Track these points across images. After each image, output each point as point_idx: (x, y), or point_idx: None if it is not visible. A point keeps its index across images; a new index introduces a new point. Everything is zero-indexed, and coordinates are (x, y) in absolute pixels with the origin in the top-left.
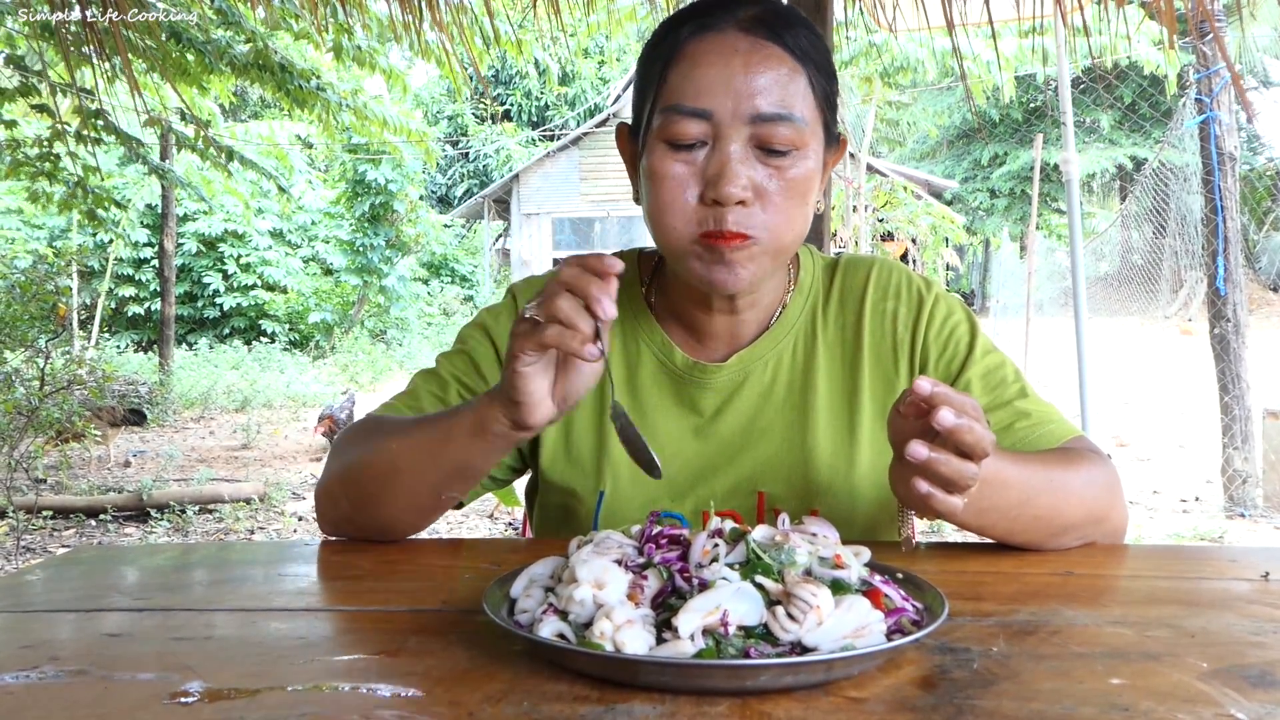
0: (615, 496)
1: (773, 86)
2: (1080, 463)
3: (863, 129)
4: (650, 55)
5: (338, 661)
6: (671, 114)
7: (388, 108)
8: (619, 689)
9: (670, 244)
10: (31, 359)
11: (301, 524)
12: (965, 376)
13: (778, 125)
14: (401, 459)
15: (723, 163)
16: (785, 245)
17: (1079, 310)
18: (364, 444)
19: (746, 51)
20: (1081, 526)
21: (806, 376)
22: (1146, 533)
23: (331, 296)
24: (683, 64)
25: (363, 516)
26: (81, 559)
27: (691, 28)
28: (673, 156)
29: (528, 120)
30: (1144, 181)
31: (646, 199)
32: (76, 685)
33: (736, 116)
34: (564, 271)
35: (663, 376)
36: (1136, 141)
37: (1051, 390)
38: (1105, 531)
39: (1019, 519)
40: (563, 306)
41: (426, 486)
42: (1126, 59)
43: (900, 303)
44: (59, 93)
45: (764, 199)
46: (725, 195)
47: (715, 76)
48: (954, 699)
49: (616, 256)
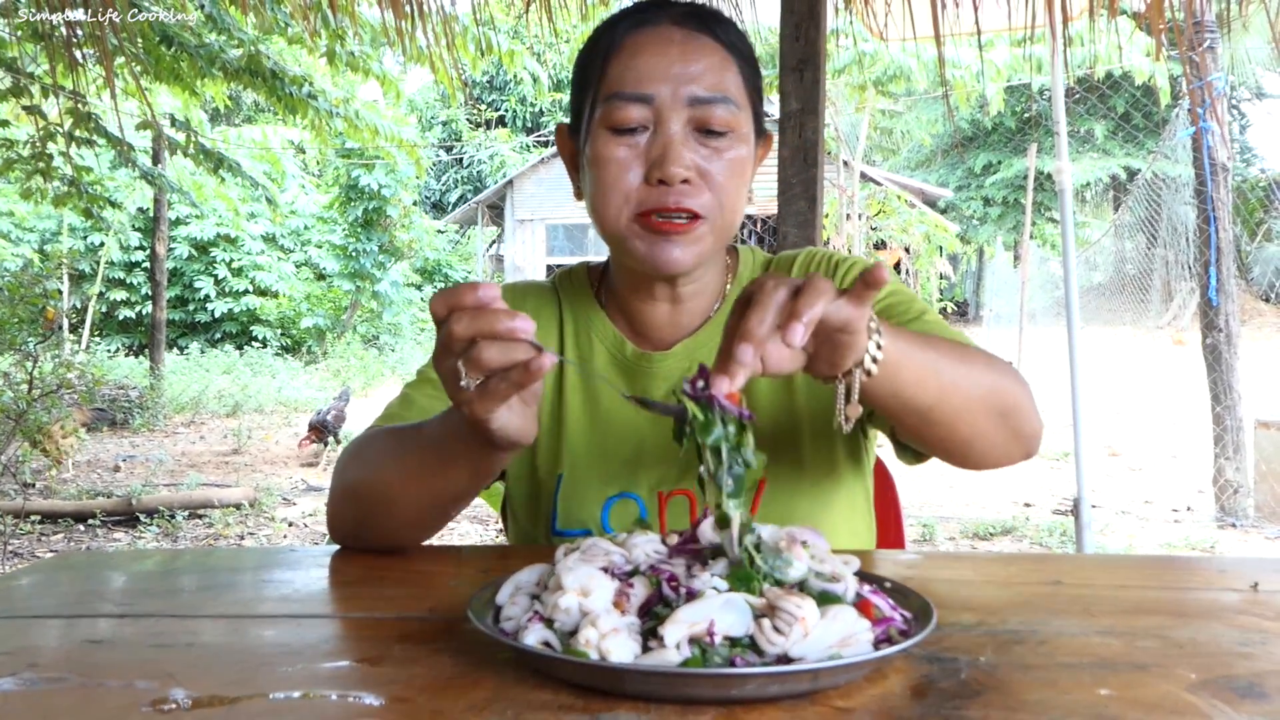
0: (573, 479)
1: (707, 72)
2: (975, 352)
3: (856, 137)
4: (589, 51)
5: (321, 669)
6: (614, 101)
7: (380, 115)
8: (604, 698)
9: (612, 227)
10: (20, 363)
11: (291, 529)
12: None
13: (715, 107)
14: (398, 489)
15: (666, 143)
16: (727, 225)
17: (1072, 320)
18: (364, 464)
19: (682, 41)
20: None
21: None
22: (1138, 542)
23: (324, 301)
24: (622, 55)
25: (369, 533)
26: (67, 564)
27: (628, 24)
28: (616, 141)
29: (522, 126)
30: (1137, 192)
31: (589, 186)
32: (55, 692)
33: (676, 99)
34: (454, 329)
35: (615, 370)
36: (1130, 152)
37: (1044, 399)
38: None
39: (926, 388)
40: (490, 357)
41: (427, 510)
42: (1120, 69)
43: (822, 269)
44: (50, 94)
45: (707, 178)
46: (671, 174)
47: (654, 64)
48: (941, 709)
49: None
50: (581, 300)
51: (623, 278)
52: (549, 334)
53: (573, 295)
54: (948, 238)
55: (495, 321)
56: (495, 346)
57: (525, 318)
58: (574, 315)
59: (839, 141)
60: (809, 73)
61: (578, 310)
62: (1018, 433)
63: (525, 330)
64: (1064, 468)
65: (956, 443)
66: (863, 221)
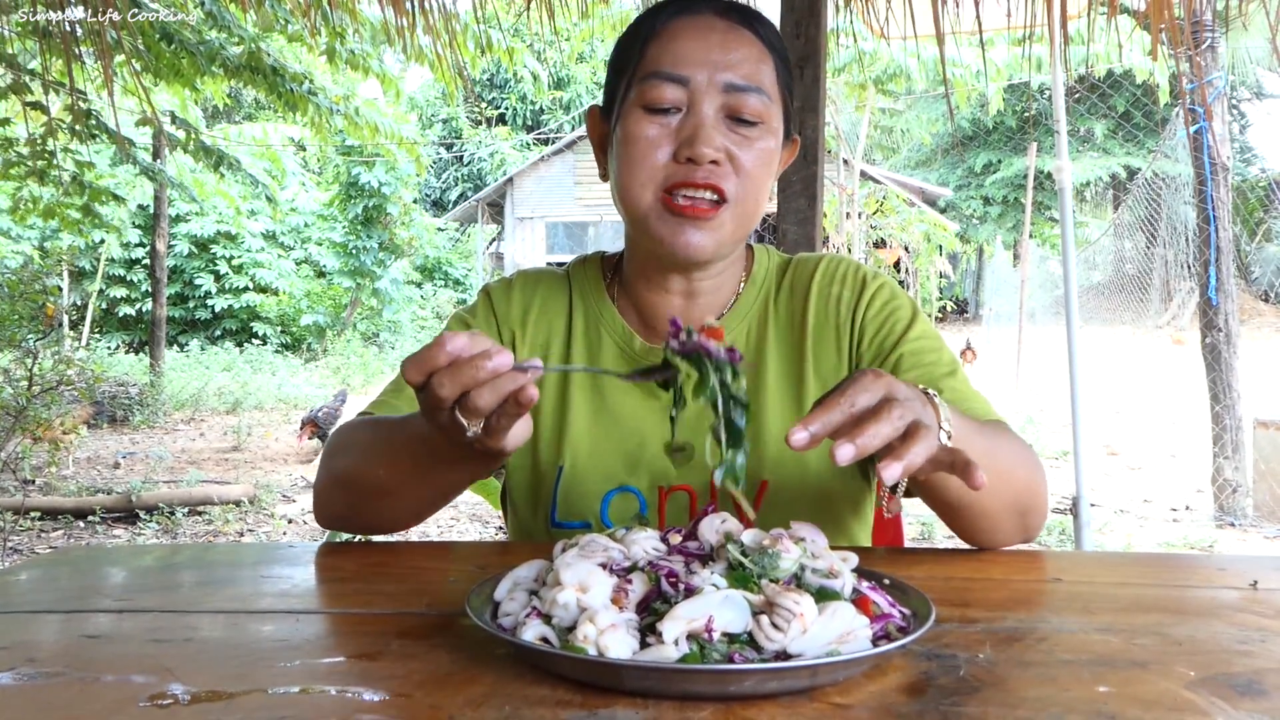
0: (574, 472)
1: (744, 62)
2: (1015, 440)
3: (857, 135)
4: (630, 35)
5: (319, 664)
6: (651, 80)
7: (380, 113)
8: (602, 694)
9: (635, 204)
10: (20, 359)
11: (291, 526)
12: (896, 352)
13: (749, 96)
14: (393, 485)
15: (698, 124)
16: (749, 215)
17: (1071, 319)
18: (354, 452)
19: (723, 30)
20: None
21: (758, 358)
22: (1137, 541)
23: (324, 299)
24: (662, 38)
25: (359, 518)
26: (66, 560)
27: (672, 10)
28: (649, 119)
29: (522, 124)
30: (1137, 191)
31: (616, 164)
32: (51, 687)
33: (712, 84)
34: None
35: (624, 363)
36: (1130, 151)
37: (1043, 398)
38: (1033, 518)
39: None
40: (485, 403)
41: (416, 502)
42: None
43: (844, 287)
44: (51, 90)
45: (735, 162)
46: (700, 154)
47: (694, 48)
48: (939, 706)
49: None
50: (593, 291)
51: (637, 267)
52: (558, 324)
53: (584, 286)
54: (947, 236)
55: (476, 373)
56: (485, 390)
57: (500, 351)
58: (584, 306)
59: (839, 140)
60: (809, 71)
61: (588, 301)
62: (1028, 527)
63: (504, 365)
64: (1063, 466)
65: (973, 530)
66: (862, 220)
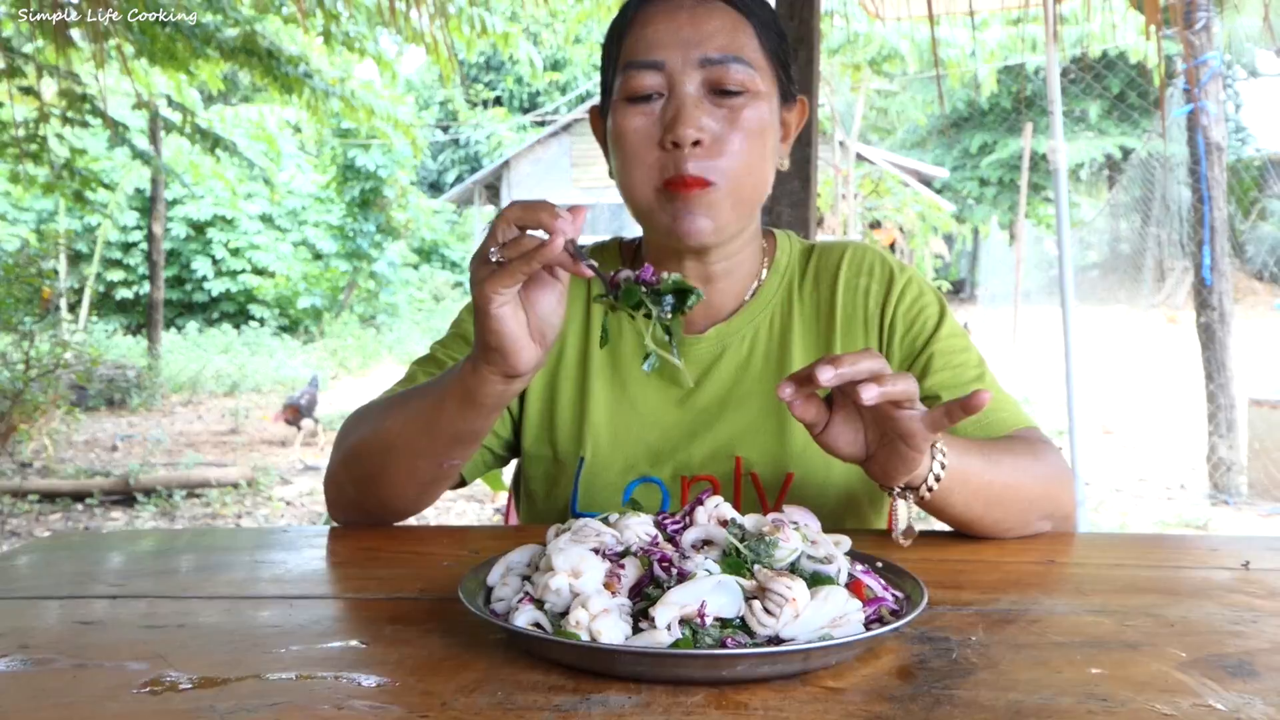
0: (595, 462)
1: (718, 34)
2: (1034, 452)
3: (852, 116)
4: (611, 31)
5: (313, 650)
6: (629, 70)
7: (376, 95)
8: (594, 678)
9: (637, 198)
10: (17, 342)
11: (289, 509)
12: (927, 352)
13: (728, 67)
14: (397, 435)
15: (678, 107)
16: (745, 191)
17: (1066, 299)
18: (363, 427)
19: (691, 6)
20: (1035, 513)
21: (783, 349)
22: (1132, 519)
23: (321, 281)
24: (635, 26)
25: (367, 498)
26: (63, 544)
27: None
28: (633, 111)
29: (519, 106)
30: (1131, 171)
31: (615, 162)
32: (44, 674)
33: (687, 63)
34: (508, 211)
35: (642, 349)
36: (1125, 131)
37: (1038, 377)
38: (1056, 522)
39: (974, 504)
40: (523, 239)
41: (425, 458)
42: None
43: (873, 280)
44: (45, 74)
45: (721, 143)
46: (681, 136)
47: (664, 31)
48: (932, 689)
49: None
50: None
51: (653, 255)
52: (576, 310)
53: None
54: (943, 217)
55: (540, 214)
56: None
57: (570, 221)
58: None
59: (834, 121)
60: (803, 52)
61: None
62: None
63: (565, 228)
64: (1058, 445)
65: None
66: (858, 201)
